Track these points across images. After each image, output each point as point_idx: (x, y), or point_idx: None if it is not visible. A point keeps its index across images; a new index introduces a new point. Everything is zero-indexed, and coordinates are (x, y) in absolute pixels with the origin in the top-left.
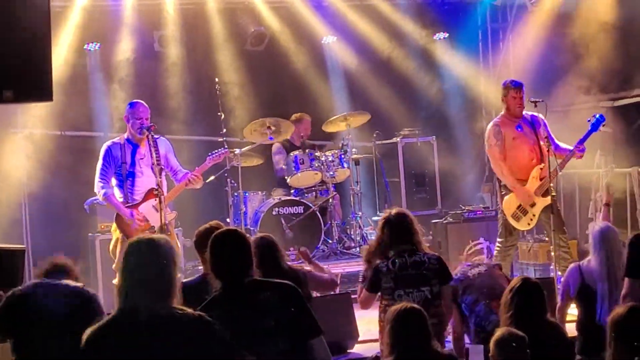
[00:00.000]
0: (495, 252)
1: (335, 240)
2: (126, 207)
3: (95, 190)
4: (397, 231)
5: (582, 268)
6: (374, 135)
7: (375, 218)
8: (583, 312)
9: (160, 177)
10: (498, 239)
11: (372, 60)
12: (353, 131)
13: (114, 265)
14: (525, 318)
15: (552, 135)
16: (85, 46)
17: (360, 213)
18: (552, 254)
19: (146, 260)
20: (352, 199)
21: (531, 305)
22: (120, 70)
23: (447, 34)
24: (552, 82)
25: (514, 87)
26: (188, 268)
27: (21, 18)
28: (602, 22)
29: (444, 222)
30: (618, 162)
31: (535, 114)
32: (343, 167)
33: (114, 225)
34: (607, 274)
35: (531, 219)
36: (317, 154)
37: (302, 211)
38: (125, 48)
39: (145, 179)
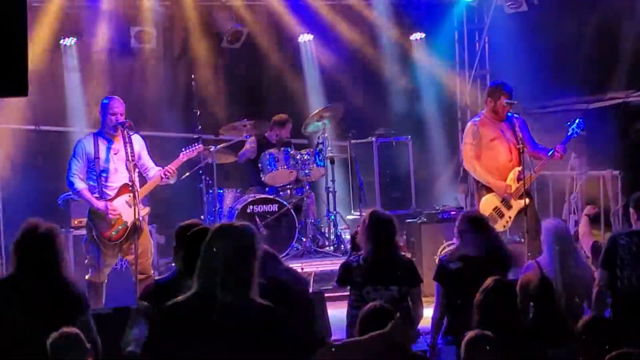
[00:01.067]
0: None
1: (309, 239)
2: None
3: (67, 185)
4: (379, 231)
5: (540, 263)
6: (349, 134)
7: (349, 217)
8: (541, 306)
9: (134, 173)
10: None
11: (348, 60)
12: (328, 130)
13: (86, 261)
14: (497, 319)
15: (532, 136)
16: (62, 41)
17: (334, 212)
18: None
19: (230, 246)
20: (326, 198)
21: (503, 306)
22: (96, 65)
23: (423, 34)
24: (527, 84)
25: (506, 92)
26: (161, 265)
27: None
28: (578, 26)
29: (418, 222)
30: (592, 165)
31: (515, 114)
32: (318, 165)
33: (87, 221)
34: (560, 269)
35: (507, 221)
36: (292, 152)
37: (276, 209)
38: (101, 44)
39: (119, 175)
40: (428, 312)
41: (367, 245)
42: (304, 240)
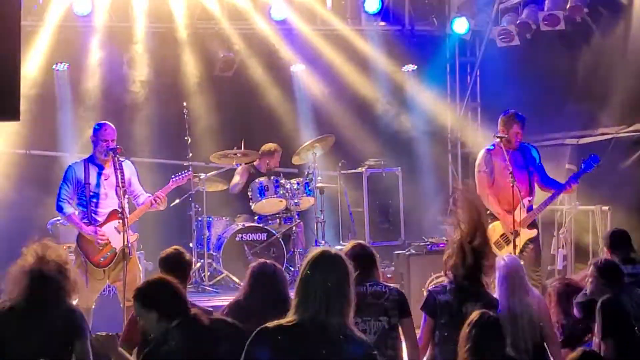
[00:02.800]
0: None
1: (297, 268)
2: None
3: (57, 209)
4: (360, 263)
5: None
6: (339, 164)
7: (338, 247)
8: None
9: (124, 200)
10: None
11: (340, 90)
12: (318, 160)
13: None
14: (483, 353)
15: (543, 169)
16: (54, 66)
17: (323, 242)
18: None
19: (330, 274)
20: (315, 228)
21: (489, 340)
22: (88, 91)
23: (415, 66)
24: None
25: (519, 121)
26: None
27: None
28: (569, 62)
29: (407, 253)
30: (582, 200)
31: (530, 144)
32: (308, 195)
33: (76, 246)
34: (507, 309)
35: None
36: (282, 181)
37: (265, 238)
38: (93, 69)
39: (109, 201)
40: None
41: None
42: (292, 269)
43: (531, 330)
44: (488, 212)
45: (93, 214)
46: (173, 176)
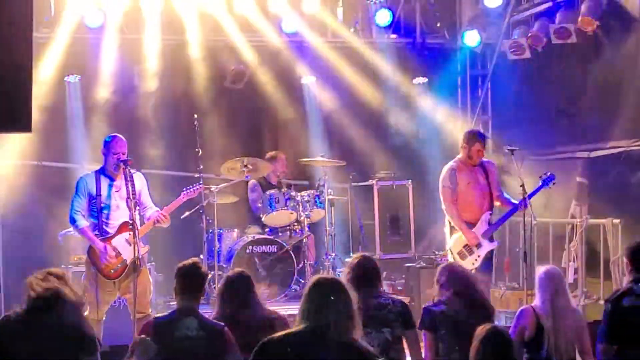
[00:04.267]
0: None
1: (307, 281)
2: (100, 239)
3: (70, 221)
4: (364, 275)
5: (535, 308)
6: (350, 177)
7: (348, 259)
8: (532, 353)
9: (134, 212)
10: None
11: (350, 102)
12: (329, 172)
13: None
14: None
15: (500, 185)
16: (66, 78)
17: (333, 254)
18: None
19: (333, 291)
20: (326, 240)
21: (499, 354)
22: (100, 102)
23: (426, 79)
24: (529, 131)
25: (480, 140)
26: (159, 303)
27: (3, 48)
28: (580, 75)
29: (417, 266)
30: (593, 213)
31: (489, 160)
32: (318, 207)
33: (87, 258)
34: (551, 311)
35: (476, 260)
36: (293, 193)
37: (275, 250)
38: (105, 81)
39: (120, 212)
40: None
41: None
42: (302, 282)
43: (571, 336)
44: (452, 225)
45: (104, 226)
46: (184, 189)
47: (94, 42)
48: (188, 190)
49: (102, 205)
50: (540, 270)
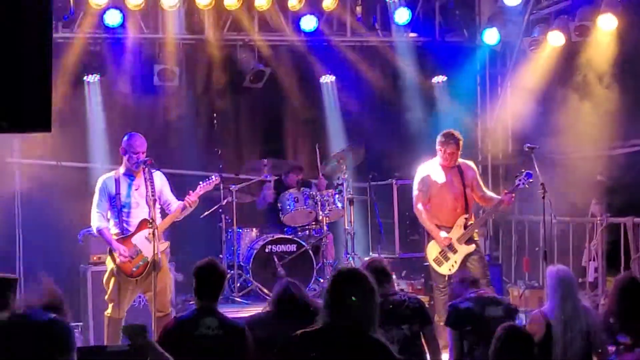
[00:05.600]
0: (442, 296)
1: (327, 280)
2: (120, 237)
3: (92, 223)
4: (378, 276)
5: (544, 312)
6: (369, 176)
7: (366, 259)
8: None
9: (154, 210)
10: (434, 283)
11: (369, 101)
12: (348, 171)
13: (106, 296)
14: None
15: (481, 185)
16: (85, 77)
17: (352, 253)
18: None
19: (355, 285)
20: (345, 239)
21: (518, 354)
22: (119, 102)
23: (445, 77)
24: (549, 130)
25: (454, 143)
26: (178, 302)
27: (23, 48)
28: (600, 72)
29: None
30: (613, 212)
31: (467, 162)
32: (337, 206)
33: (108, 256)
34: (561, 315)
35: (452, 265)
36: (312, 192)
37: (294, 249)
38: (124, 81)
39: (140, 211)
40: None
41: None
42: (322, 281)
43: (582, 339)
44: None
45: (125, 224)
46: (201, 182)
47: (113, 41)
48: (204, 183)
49: (122, 203)
50: (550, 271)
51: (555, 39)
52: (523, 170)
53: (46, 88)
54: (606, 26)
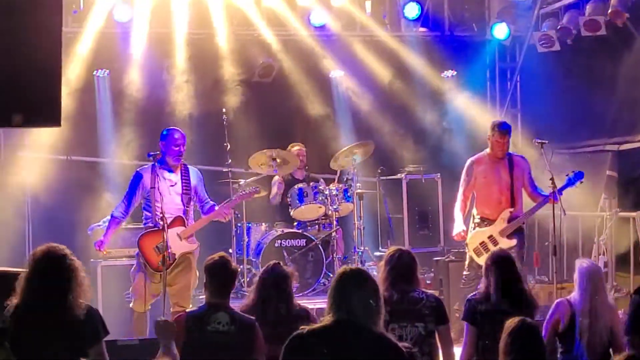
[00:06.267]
0: (461, 285)
1: (333, 277)
2: (151, 230)
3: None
4: (400, 269)
5: (571, 301)
6: (379, 170)
7: (377, 253)
8: (566, 347)
9: (188, 206)
10: (464, 272)
11: (378, 96)
12: (358, 166)
13: (130, 289)
14: None
15: (533, 181)
16: (95, 72)
17: (362, 248)
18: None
19: (359, 283)
20: (354, 234)
21: (527, 348)
22: (128, 97)
23: (454, 72)
24: (558, 124)
25: (499, 131)
26: None
27: (32, 43)
28: (610, 68)
29: (446, 259)
30: (622, 206)
31: (521, 155)
32: (347, 201)
33: (137, 250)
34: (589, 309)
35: None
36: (321, 187)
37: (304, 244)
38: (134, 75)
39: (173, 206)
40: (457, 352)
41: (386, 283)
42: (331, 276)
43: (606, 334)
44: (473, 218)
45: (157, 219)
46: (241, 191)
47: (123, 36)
48: (243, 194)
49: (157, 198)
50: (580, 265)
51: (564, 34)
52: (575, 171)
53: (56, 83)
54: None
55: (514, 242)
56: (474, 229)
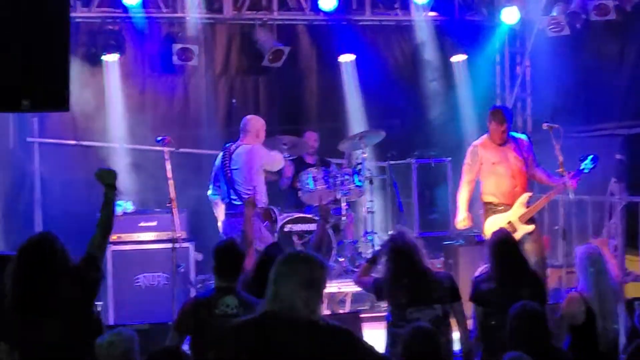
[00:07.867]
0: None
1: (347, 259)
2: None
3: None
4: (406, 262)
5: (582, 293)
6: (389, 155)
7: (387, 237)
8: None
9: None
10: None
11: (388, 80)
12: (367, 151)
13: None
14: (528, 344)
15: (536, 161)
16: (103, 57)
17: (372, 232)
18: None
19: (298, 270)
20: (365, 218)
21: (533, 331)
22: (137, 82)
23: (465, 56)
24: (568, 108)
25: (496, 118)
26: (199, 281)
27: (40, 27)
28: (619, 52)
29: (456, 244)
30: (632, 190)
31: (519, 136)
32: (357, 186)
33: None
34: (597, 293)
35: None
36: (332, 172)
37: (314, 228)
38: (143, 60)
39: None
40: None
41: (392, 266)
42: (342, 260)
43: (615, 314)
44: (486, 205)
45: (233, 200)
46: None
47: (132, 20)
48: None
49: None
50: (578, 251)
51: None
52: (589, 154)
53: (64, 67)
54: None
55: (532, 226)
56: (486, 216)
